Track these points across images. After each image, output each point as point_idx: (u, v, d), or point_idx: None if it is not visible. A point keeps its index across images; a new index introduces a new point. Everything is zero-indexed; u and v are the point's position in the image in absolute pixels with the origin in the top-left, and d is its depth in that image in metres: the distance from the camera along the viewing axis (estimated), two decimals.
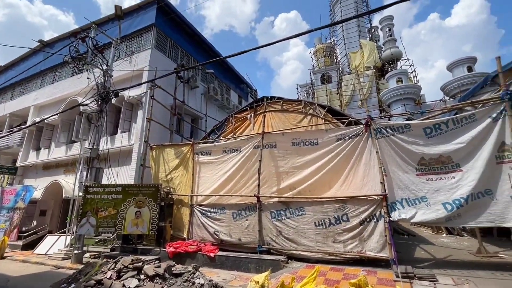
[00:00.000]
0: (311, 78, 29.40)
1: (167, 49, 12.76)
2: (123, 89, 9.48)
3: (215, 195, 7.90)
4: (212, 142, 8.78)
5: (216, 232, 7.57)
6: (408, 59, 26.74)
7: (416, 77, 25.48)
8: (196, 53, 14.84)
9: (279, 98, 8.80)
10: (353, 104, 24.55)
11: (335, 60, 31.40)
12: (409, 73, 24.97)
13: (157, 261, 5.96)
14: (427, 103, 23.23)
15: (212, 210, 7.82)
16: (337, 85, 27.25)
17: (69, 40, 9.71)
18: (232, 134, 9.15)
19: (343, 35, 30.60)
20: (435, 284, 4.42)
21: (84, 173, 8.39)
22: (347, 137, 6.66)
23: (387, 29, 30.27)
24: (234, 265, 6.40)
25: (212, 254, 6.72)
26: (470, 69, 21.25)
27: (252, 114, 9.02)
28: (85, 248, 8.13)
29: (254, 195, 7.13)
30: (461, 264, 5.70)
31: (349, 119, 7.61)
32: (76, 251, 7.56)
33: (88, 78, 9.17)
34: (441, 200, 5.46)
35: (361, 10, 30.48)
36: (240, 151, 7.89)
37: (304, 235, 6.45)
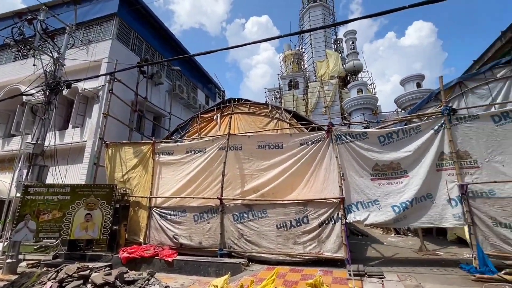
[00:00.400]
0: (279, 83, 30.14)
1: (130, 42, 12.02)
2: (77, 81, 8.66)
3: (176, 197, 7.58)
4: (175, 141, 8.44)
5: (175, 236, 7.26)
6: (368, 72, 28.93)
7: (374, 89, 27.66)
8: (162, 49, 14.22)
9: (246, 100, 8.81)
10: (318, 111, 25.72)
11: (302, 67, 32.63)
12: (368, 85, 26.98)
13: (107, 268, 5.50)
14: (382, 113, 25.32)
15: (172, 212, 7.49)
16: (303, 92, 28.32)
17: (12, 21, 8.58)
18: (197, 134, 8.90)
19: (311, 44, 31.96)
20: (382, 280, 4.77)
21: (24, 171, 7.43)
22: (310, 142, 6.90)
23: (351, 42, 32.40)
24: (193, 269, 6.19)
25: (170, 259, 6.41)
26: (419, 85, 23.68)
27: (219, 115, 8.89)
28: (21, 256, 7.17)
29: (217, 198, 7.00)
30: (405, 262, 6.24)
31: (313, 125, 7.92)
32: (9, 260, 6.62)
33: (34, 65, 8.18)
34: (391, 203, 5.93)
35: (328, 22, 32.17)
36: (205, 152, 7.70)
37: (266, 237, 6.50)
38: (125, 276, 4.90)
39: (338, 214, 6.10)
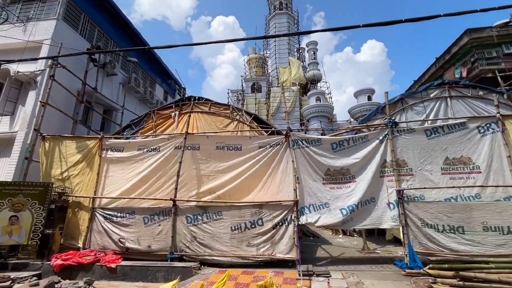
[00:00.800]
0: (242, 85, 30.25)
1: (80, 25, 10.84)
2: (9, 61, 7.50)
3: (125, 198, 7.03)
4: (127, 138, 7.84)
5: (121, 239, 6.70)
6: (326, 82, 30.86)
7: (331, 98, 29.51)
8: (118, 37, 13.14)
9: (207, 99, 8.61)
10: (279, 115, 26.44)
11: (266, 71, 33.28)
12: (326, 94, 28.68)
13: (35, 278, 4.84)
14: (337, 122, 27.13)
15: (119, 214, 6.90)
16: (265, 96, 28.87)
17: None
18: (152, 131, 8.38)
19: (275, 50, 32.83)
20: (328, 279, 5.04)
21: None
22: (269, 146, 7.03)
23: (312, 53, 34.14)
24: (139, 275, 5.78)
25: (113, 265, 5.88)
26: (369, 98, 25.96)
27: (177, 113, 8.51)
28: None
29: (170, 199, 6.67)
30: (350, 260, 6.72)
31: (272, 129, 8.08)
32: None
33: None
34: (339, 206, 6.34)
35: (292, 30, 33.45)
36: (159, 151, 7.30)
37: (220, 240, 6.40)
38: (56, 286, 4.35)
39: (291, 216, 6.29)
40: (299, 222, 6.26)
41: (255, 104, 27.09)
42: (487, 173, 5.99)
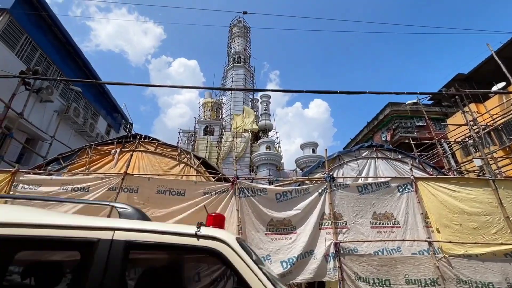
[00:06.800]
0: (195, 127, 30.25)
1: (19, 46, 9.90)
2: None
3: None
4: (50, 174, 6.78)
5: None
6: (276, 132, 32.93)
7: (280, 147, 31.31)
8: (63, 63, 12.27)
9: (154, 139, 8.28)
10: (229, 160, 26.58)
11: (220, 116, 34.23)
12: (276, 143, 30.37)
13: None
14: (285, 170, 28.41)
15: None
16: (217, 139, 29.17)
17: None
18: (84, 168, 7.49)
19: (231, 97, 34.51)
20: None
21: None
22: (214, 192, 6.84)
23: (265, 104, 36.84)
24: None
25: None
26: (313, 150, 28.36)
27: (118, 150, 7.89)
28: None
29: None
30: None
31: (220, 175, 7.99)
32: None
33: None
34: (280, 259, 6.22)
35: (248, 83, 36.13)
36: (88, 191, 6.43)
37: None
38: None
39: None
40: None
41: (207, 146, 26.97)
42: (405, 228, 6.74)
